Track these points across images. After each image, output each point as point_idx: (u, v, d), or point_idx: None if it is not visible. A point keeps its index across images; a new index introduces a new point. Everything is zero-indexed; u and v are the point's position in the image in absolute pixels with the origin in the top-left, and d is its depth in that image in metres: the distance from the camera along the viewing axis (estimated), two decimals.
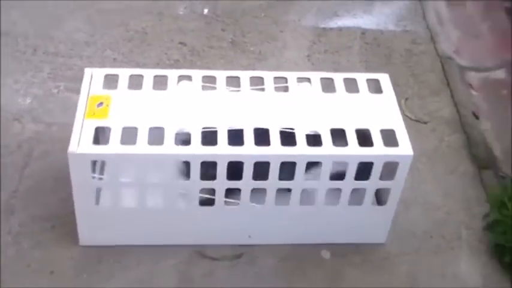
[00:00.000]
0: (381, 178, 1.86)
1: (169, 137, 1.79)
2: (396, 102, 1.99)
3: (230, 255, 1.97)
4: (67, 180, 1.88)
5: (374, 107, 1.96)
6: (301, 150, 1.80)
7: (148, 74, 1.99)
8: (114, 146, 1.77)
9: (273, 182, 1.84)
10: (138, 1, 2.94)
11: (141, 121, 1.84)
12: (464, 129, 2.47)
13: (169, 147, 1.78)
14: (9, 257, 1.93)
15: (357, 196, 1.92)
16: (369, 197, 1.91)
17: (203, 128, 1.82)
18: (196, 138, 1.80)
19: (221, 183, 1.82)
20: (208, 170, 1.80)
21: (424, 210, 2.15)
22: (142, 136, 1.80)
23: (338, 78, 2.04)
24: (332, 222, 1.98)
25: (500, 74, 2.78)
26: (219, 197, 1.86)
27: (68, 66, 2.59)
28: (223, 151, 1.78)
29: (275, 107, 1.94)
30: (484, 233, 2.08)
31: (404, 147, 1.84)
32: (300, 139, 1.83)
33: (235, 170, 1.81)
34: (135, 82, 1.98)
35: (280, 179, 1.83)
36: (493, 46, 2.93)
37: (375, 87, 2.04)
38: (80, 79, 1.98)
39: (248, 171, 1.80)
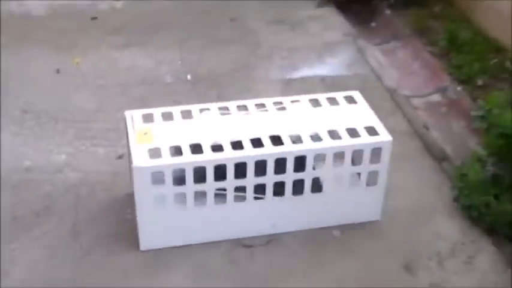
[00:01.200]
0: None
1: (206, 149, 2.31)
2: (370, 109, 2.58)
3: (263, 242, 2.46)
4: (113, 210, 2.36)
5: (354, 113, 2.56)
6: (309, 146, 2.35)
7: (176, 110, 2.52)
8: (167, 159, 2.26)
9: (289, 174, 2.37)
10: (132, 74, 3.49)
11: (181, 140, 2.35)
12: (420, 138, 3.10)
13: (210, 156, 2.29)
14: (86, 266, 2.37)
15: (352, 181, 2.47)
16: (364, 179, 2.45)
17: (230, 141, 2.35)
18: (227, 146, 2.32)
19: (250, 180, 2.34)
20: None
21: (405, 194, 2.72)
22: (186, 150, 2.30)
23: (321, 97, 2.63)
24: (337, 206, 2.50)
25: (437, 97, 3.46)
26: (249, 193, 2.36)
27: (88, 129, 3.08)
28: (251, 153, 2.31)
29: (282, 121, 2.49)
30: (453, 203, 2.66)
31: (385, 136, 2.43)
32: (307, 139, 2.37)
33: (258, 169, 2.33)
34: (168, 116, 2.50)
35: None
36: (425, 78, 3.62)
37: (350, 100, 2.63)
38: (99, 138, 2.66)
39: (270, 168, 2.33)
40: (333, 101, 2.62)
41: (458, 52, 3.69)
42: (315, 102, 2.62)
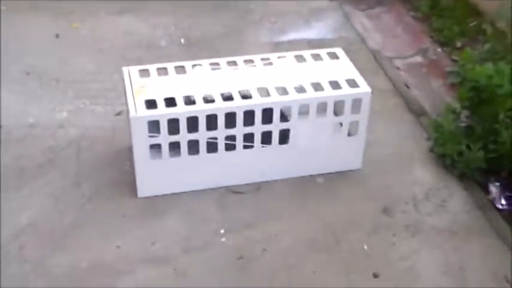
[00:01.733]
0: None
1: (199, 100, 2.49)
2: (351, 64, 2.76)
3: (252, 189, 2.66)
4: (113, 162, 2.57)
5: (337, 68, 2.74)
6: (294, 97, 2.54)
7: (170, 66, 2.70)
8: (162, 109, 2.44)
9: (276, 124, 2.55)
10: (128, 38, 3.66)
11: (175, 93, 2.53)
12: (401, 95, 3.28)
13: (202, 106, 2.47)
14: (88, 211, 2.56)
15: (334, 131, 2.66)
16: (345, 128, 2.64)
17: (221, 93, 2.53)
18: (218, 98, 2.50)
19: (239, 130, 2.52)
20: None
21: (385, 146, 2.92)
22: (180, 101, 2.48)
23: (306, 54, 2.81)
24: (321, 155, 2.69)
25: (418, 58, 3.65)
26: (239, 141, 2.55)
27: (87, 89, 3.26)
28: (240, 103, 2.49)
29: (269, 75, 2.67)
30: (429, 153, 2.85)
31: (364, 87, 2.62)
32: (292, 91, 2.55)
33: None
34: (162, 72, 2.67)
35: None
36: (408, 41, 3.81)
37: (333, 56, 2.81)
38: (98, 97, 2.91)
39: (258, 117, 2.51)
40: (317, 57, 2.80)
41: (439, 16, 3.88)
42: (300, 58, 2.80)
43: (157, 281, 2.30)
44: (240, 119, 2.50)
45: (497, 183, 2.71)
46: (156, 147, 2.51)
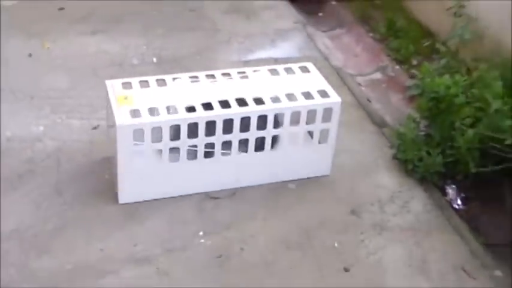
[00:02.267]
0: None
1: (181, 110, 2.63)
2: (321, 76, 2.95)
3: (227, 195, 2.79)
4: (92, 171, 2.72)
5: (308, 80, 2.93)
6: (270, 106, 2.70)
7: (152, 79, 2.84)
8: (146, 118, 2.57)
9: (252, 132, 2.71)
10: (100, 57, 3.77)
11: (157, 103, 2.67)
12: (363, 108, 3.49)
13: (184, 115, 2.61)
14: (70, 217, 2.66)
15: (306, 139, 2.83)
16: (316, 136, 2.82)
17: (201, 103, 2.68)
18: (199, 108, 2.64)
19: (219, 137, 2.67)
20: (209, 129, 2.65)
21: (351, 154, 3.11)
22: (163, 111, 2.62)
23: (279, 68, 2.99)
24: (293, 162, 2.85)
25: (378, 75, 3.88)
26: (217, 149, 2.69)
27: (62, 104, 3.35)
28: (219, 112, 2.64)
29: (246, 87, 2.83)
30: (392, 160, 3.05)
31: (335, 97, 2.81)
32: (268, 101, 2.72)
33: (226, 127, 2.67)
34: (144, 84, 2.80)
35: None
36: (367, 59, 4.03)
37: (304, 70, 3.00)
38: (74, 111, 3.08)
39: (236, 126, 2.66)
40: (289, 71, 2.98)
41: (395, 37, 4.13)
42: (274, 72, 2.98)
43: (141, 279, 2.41)
44: (219, 127, 2.66)
45: (454, 186, 2.94)
46: (174, 151, 2.66)
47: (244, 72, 2.95)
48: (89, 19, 4.18)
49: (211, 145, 2.70)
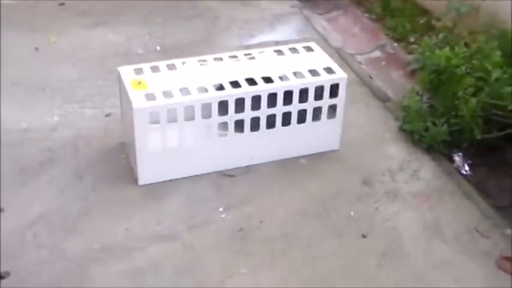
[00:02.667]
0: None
1: (194, 91, 2.73)
2: (326, 54, 3.04)
3: (242, 172, 2.89)
4: (110, 156, 2.83)
5: (313, 59, 3.02)
6: (279, 84, 2.80)
7: (162, 64, 2.92)
8: (162, 100, 2.66)
9: (264, 110, 2.80)
10: (105, 48, 3.85)
11: (170, 86, 2.76)
12: (366, 85, 3.60)
13: (196, 96, 2.70)
14: (93, 200, 2.75)
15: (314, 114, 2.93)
16: (324, 112, 2.91)
17: (212, 84, 2.77)
18: (211, 89, 2.74)
19: (231, 116, 2.77)
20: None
21: (357, 128, 3.21)
22: (177, 94, 2.71)
23: (284, 48, 3.08)
24: (303, 137, 2.95)
25: (377, 53, 3.98)
26: (230, 128, 2.79)
27: (73, 95, 3.44)
28: (230, 92, 2.74)
29: (253, 67, 2.93)
30: (398, 132, 3.16)
31: (340, 73, 2.91)
32: (277, 79, 2.81)
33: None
34: (155, 69, 2.89)
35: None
36: (366, 39, 4.14)
37: (309, 49, 3.09)
38: (85, 101, 3.21)
39: (248, 104, 2.76)
40: (294, 50, 3.08)
41: (391, 16, 4.23)
42: (279, 52, 3.07)
43: (168, 254, 2.51)
44: (231, 106, 2.75)
45: (460, 153, 3.05)
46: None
47: (250, 54, 3.05)
48: (90, 12, 4.27)
49: (224, 124, 2.81)
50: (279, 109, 2.84)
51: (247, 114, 2.80)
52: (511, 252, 2.55)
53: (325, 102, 2.91)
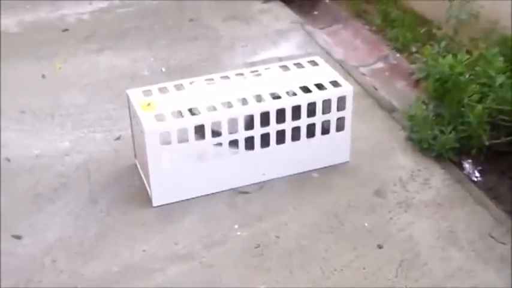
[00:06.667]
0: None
1: (203, 110, 2.77)
2: (330, 68, 3.08)
3: (255, 189, 2.92)
4: (122, 178, 2.86)
5: (318, 73, 3.06)
6: (287, 100, 2.83)
7: (170, 84, 2.96)
8: (172, 121, 2.69)
9: (273, 126, 2.84)
10: (111, 72, 3.89)
11: (179, 106, 2.79)
12: (371, 96, 3.64)
13: (206, 115, 2.74)
14: (109, 224, 2.78)
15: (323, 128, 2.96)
16: (333, 125, 2.94)
17: (220, 102, 2.81)
18: (220, 107, 2.77)
19: (241, 134, 2.81)
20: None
21: (365, 139, 3.24)
22: (187, 114, 2.74)
23: (289, 63, 3.13)
24: (313, 151, 2.98)
25: (380, 64, 4.03)
26: (241, 145, 2.82)
27: (83, 119, 3.48)
28: (239, 110, 2.77)
29: (260, 84, 2.97)
30: (406, 141, 3.19)
31: (346, 86, 2.94)
32: (284, 96, 2.85)
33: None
34: (163, 90, 2.93)
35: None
36: (368, 51, 4.18)
37: (313, 64, 3.13)
38: (95, 125, 3.24)
39: (257, 121, 2.80)
40: (299, 65, 3.11)
41: (392, 27, 4.27)
42: (284, 68, 3.11)
43: (187, 274, 2.53)
44: (241, 124, 2.79)
45: (470, 160, 3.07)
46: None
47: (256, 71, 3.09)
48: (94, 37, 4.33)
49: (235, 142, 2.84)
50: (288, 124, 2.87)
51: (257, 131, 2.84)
52: None
53: (333, 115, 2.94)
